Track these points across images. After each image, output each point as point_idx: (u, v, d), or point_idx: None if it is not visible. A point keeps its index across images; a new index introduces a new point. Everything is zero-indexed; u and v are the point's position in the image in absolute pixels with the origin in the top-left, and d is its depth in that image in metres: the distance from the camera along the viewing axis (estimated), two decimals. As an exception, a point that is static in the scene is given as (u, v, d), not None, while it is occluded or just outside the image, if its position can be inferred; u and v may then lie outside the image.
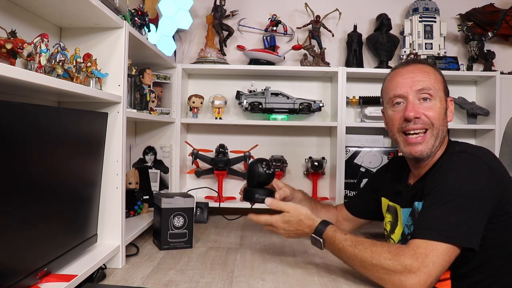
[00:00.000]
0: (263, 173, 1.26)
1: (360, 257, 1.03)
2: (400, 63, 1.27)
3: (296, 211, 1.18)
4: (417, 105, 1.12)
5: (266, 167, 1.27)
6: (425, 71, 1.15)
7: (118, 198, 1.21)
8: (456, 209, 0.97)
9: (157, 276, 1.14)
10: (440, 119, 1.12)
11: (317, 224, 1.16)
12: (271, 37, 2.10)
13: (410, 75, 1.14)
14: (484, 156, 1.04)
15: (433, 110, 1.11)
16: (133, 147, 1.90)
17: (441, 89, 1.15)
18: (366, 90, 2.09)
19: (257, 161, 1.29)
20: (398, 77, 1.17)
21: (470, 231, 0.96)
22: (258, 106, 1.98)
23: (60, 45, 0.98)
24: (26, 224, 0.83)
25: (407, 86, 1.13)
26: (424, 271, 0.93)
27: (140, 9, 1.45)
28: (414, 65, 1.17)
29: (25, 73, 0.76)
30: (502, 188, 1.02)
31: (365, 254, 1.02)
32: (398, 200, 1.22)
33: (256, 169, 1.26)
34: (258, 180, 1.27)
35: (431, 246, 0.95)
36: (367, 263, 1.01)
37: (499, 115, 1.97)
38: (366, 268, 1.02)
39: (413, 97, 1.12)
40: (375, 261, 0.99)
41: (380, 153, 2.03)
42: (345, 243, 1.07)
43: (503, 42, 2.19)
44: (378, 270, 0.99)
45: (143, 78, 1.49)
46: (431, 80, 1.13)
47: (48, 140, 0.89)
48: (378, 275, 1.00)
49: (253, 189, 1.28)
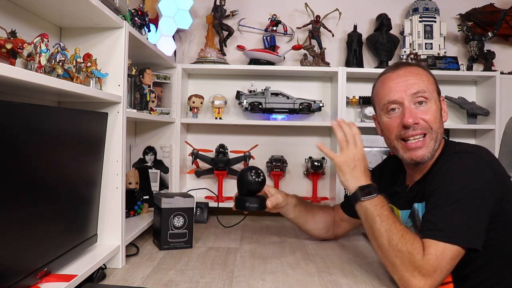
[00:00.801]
0: (252, 181, 1.28)
1: (394, 232, 1.00)
2: (388, 67, 1.23)
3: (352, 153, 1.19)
4: (414, 111, 1.09)
5: (256, 175, 1.28)
6: (417, 73, 1.12)
7: (118, 198, 1.21)
8: (460, 211, 0.96)
9: (157, 276, 1.14)
10: (437, 121, 1.11)
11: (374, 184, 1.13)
12: (271, 37, 2.10)
13: (403, 79, 1.12)
14: (485, 156, 1.04)
15: (430, 113, 1.10)
16: (133, 147, 1.90)
17: (435, 90, 1.13)
18: (366, 90, 2.08)
19: (246, 169, 1.31)
20: (389, 82, 1.14)
21: (473, 231, 0.96)
22: (258, 106, 1.98)
23: (60, 45, 0.98)
24: (26, 224, 0.83)
25: (401, 91, 1.10)
26: (433, 276, 0.93)
27: (140, 9, 1.45)
28: (405, 68, 1.14)
29: (25, 73, 0.76)
30: (503, 188, 1.02)
31: (397, 233, 0.99)
32: (396, 201, 1.21)
33: (246, 178, 1.28)
34: (249, 188, 1.29)
35: (441, 249, 0.94)
36: (394, 242, 0.99)
37: (499, 115, 1.97)
38: (392, 245, 0.99)
39: (409, 102, 1.10)
40: (400, 246, 0.97)
41: (380, 153, 2.03)
42: (390, 213, 1.05)
43: (503, 42, 2.19)
44: (400, 256, 0.97)
45: (143, 78, 1.49)
46: (424, 82, 1.11)
47: (48, 140, 0.89)
48: (395, 261, 0.98)
49: (244, 198, 1.29)
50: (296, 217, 1.45)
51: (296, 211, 1.44)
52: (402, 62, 1.39)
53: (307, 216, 1.46)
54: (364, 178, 1.14)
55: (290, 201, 1.43)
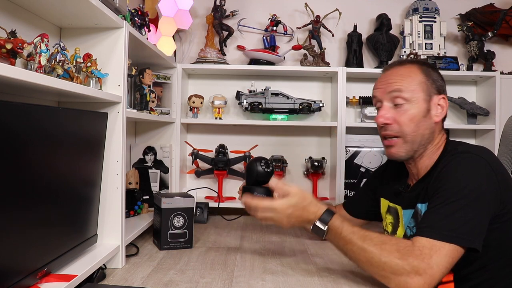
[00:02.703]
0: (261, 171, 1.25)
1: (369, 253, 0.99)
2: (386, 65, 1.26)
3: (303, 195, 1.12)
4: (389, 110, 1.12)
5: (265, 165, 1.26)
6: (402, 74, 1.13)
7: (118, 198, 1.21)
8: (460, 210, 0.97)
9: (157, 276, 1.14)
10: (412, 124, 1.10)
11: (323, 211, 1.09)
12: (271, 37, 2.10)
13: (386, 78, 1.15)
14: (487, 157, 1.04)
15: (405, 115, 1.10)
16: (133, 147, 1.90)
17: (421, 90, 1.11)
18: (366, 90, 2.09)
19: (256, 159, 1.28)
20: (378, 80, 1.19)
21: (473, 231, 0.96)
22: (258, 106, 1.98)
23: (60, 45, 0.98)
24: (26, 224, 0.83)
25: (381, 89, 1.15)
26: (429, 273, 0.92)
27: (140, 9, 1.45)
28: (394, 67, 1.17)
29: (25, 73, 0.76)
30: (504, 188, 1.02)
31: (374, 250, 0.98)
32: (399, 201, 1.21)
33: (255, 167, 1.25)
34: (257, 179, 1.26)
35: (436, 246, 0.94)
36: (374, 259, 0.98)
37: (499, 115, 1.97)
38: (373, 264, 0.98)
39: (388, 101, 1.13)
40: (384, 259, 0.96)
41: (380, 153, 2.03)
42: (353, 235, 1.03)
43: (503, 42, 2.19)
44: (385, 268, 0.96)
45: (143, 78, 1.49)
46: (405, 82, 1.11)
47: (48, 140, 0.89)
48: (384, 274, 0.97)
49: (252, 187, 1.26)
50: None
51: None
52: (398, 60, 1.39)
53: None
54: (316, 209, 1.11)
55: None
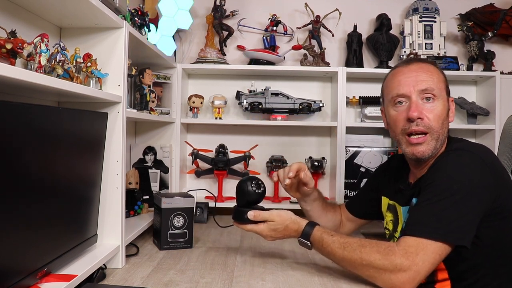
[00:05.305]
0: (252, 192, 1.23)
1: (350, 259, 1.05)
2: (402, 61, 1.25)
3: (281, 218, 1.18)
4: (420, 105, 1.10)
5: (256, 186, 1.23)
6: (428, 70, 1.13)
7: (118, 198, 1.21)
8: (449, 206, 0.97)
9: (157, 276, 1.14)
10: (439, 121, 1.11)
11: (303, 227, 1.15)
12: (271, 37, 2.10)
13: (413, 74, 1.13)
14: (482, 154, 1.04)
15: (434, 112, 1.10)
16: (133, 147, 1.90)
17: (444, 89, 1.14)
18: (366, 90, 2.09)
19: (246, 179, 1.26)
20: (400, 75, 1.15)
21: (461, 228, 0.96)
22: (258, 106, 1.98)
23: (60, 45, 0.98)
24: (26, 224, 0.83)
25: (410, 85, 1.11)
26: (414, 268, 0.94)
27: (140, 9, 1.45)
28: (417, 64, 1.16)
29: (25, 73, 0.76)
30: (500, 185, 1.02)
31: (354, 255, 1.03)
32: (398, 198, 1.22)
33: (245, 188, 1.23)
34: (248, 200, 1.24)
35: (422, 244, 0.95)
36: (357, 263, 1.03)
37: (499, 115, 1.97)
38: (357, 268, 1.05)
39: (416, 97, 1.11)
40: (365, 262, 1.01)
41: (380, 153, 2.03)
42: (333, 245, 1.08)
43: (503, 42, 2.19)
44: (368, 269, 1.01)
45: (143, 78, 1.49)
46: (434, 80, 1.12)
47: (48, 140, 0.89)
48: (369, 274, 1.02)
49: (243, 209, 1.24)
50: (311, 210, 1.43)
51: (313, 205, 1.42)
52: (415, 58, 1.39)
53: (321, 212, 1.44)
54: (296, 227, 1.17)
55: (314, 193, 1.42)
